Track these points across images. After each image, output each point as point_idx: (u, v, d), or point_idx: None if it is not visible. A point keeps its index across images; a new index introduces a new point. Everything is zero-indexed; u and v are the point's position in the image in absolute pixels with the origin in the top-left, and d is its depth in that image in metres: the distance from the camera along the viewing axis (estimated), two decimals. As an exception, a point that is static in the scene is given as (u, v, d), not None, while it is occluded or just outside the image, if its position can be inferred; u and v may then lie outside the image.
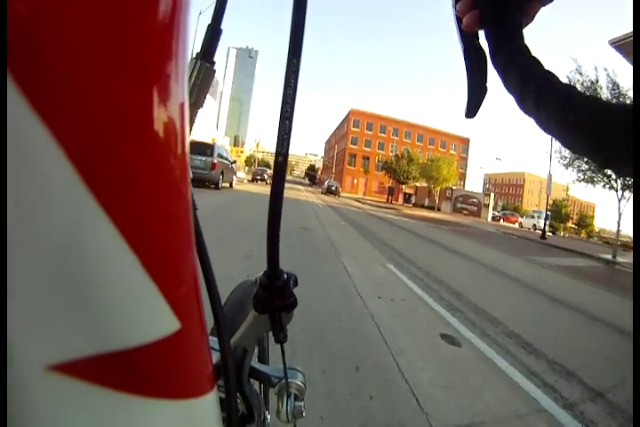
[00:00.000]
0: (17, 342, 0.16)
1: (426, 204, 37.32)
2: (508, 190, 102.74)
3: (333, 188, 31.69)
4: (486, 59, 0.34)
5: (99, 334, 0.18)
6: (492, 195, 36.18)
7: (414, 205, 38.79)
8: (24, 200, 0.15)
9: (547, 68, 0.30)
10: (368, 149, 56.85)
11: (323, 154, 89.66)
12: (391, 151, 55.05)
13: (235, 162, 14.64)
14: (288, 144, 0.29)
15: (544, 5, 0.34)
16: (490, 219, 34.50)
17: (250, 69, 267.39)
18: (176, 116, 0.19)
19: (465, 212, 34.49)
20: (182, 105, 0.19)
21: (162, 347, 0.20)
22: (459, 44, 0.36)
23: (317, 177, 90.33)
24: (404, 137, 57.55)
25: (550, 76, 0.29)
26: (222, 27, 0.35)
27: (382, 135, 57.44)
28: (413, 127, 57.78)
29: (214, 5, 0.35)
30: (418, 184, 37.84)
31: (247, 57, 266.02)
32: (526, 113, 0.30)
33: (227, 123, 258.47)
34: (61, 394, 0.18)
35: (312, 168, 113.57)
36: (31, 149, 0.15)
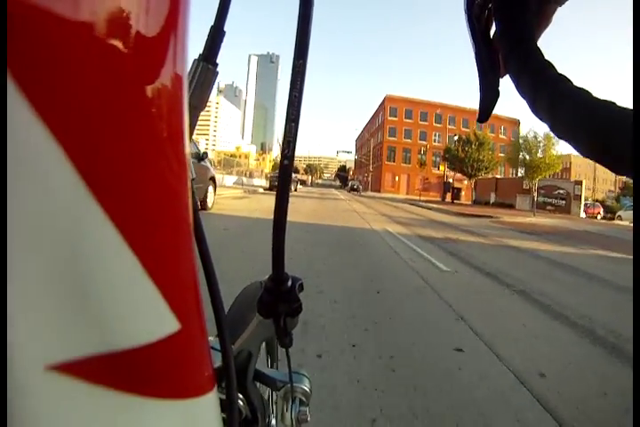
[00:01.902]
0: (17, 341, 0.16)
1: (492, 200, 29.51)
2: (553, 176, 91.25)
3: (355, 186, 41.89)
4: (499, 62, 0.34)
5: (99, 334, 0.18)
6: (584, 182, 27.79)
7: (476, 202, 31.07)
8: (24, 200, 0.15)
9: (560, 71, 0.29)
10: (409, 141, 49.43)
11: (354, 152, 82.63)
12: (435, 141, 47.30)
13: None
14: (294, 147, 0.29)
15: (560, 5, 0.33)
16: (583, 214, 26.29)
17: (272, 75, 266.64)
18: (176, 117, 0.19)
19: (549, 207, 26.48)
20: (182, 106, 0.19)
21: (162, 347, 0.20)
22: (471, 47, 0.36)
23: (349, 178, 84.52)
24: (447, 123, 49.61)
25: (564, 81, 0.29)
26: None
27: (424, 123, 49.86)
28: (458, 111, 49.71)
29: (217, 6, 0.34)
30: (485, 176, 30.02)
31: (269, 63, 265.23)
32: (540, 119, 0.30)
33: (252, 131, 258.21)
34: (61, 394, 0.18)
35: (343, 169, 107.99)
36: (31, 150, 0.15)
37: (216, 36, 0.34)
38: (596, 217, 30.26)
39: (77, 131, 0.15)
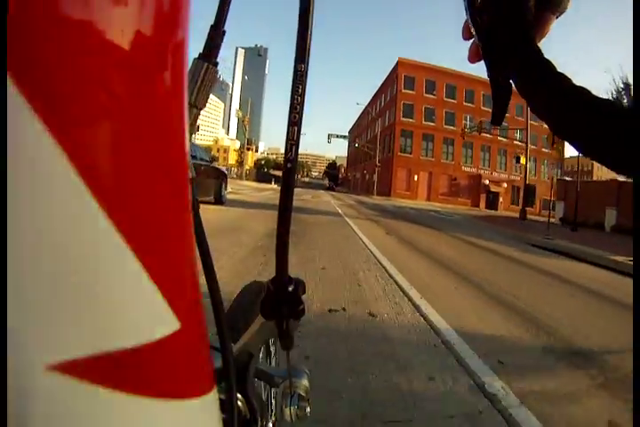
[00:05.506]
0: (17, 341, 0.16)
1: (610, 222, 15.55)
2: (584, 175, 78.61)
3: (330, 186, 56.08)
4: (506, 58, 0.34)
5: (99, 334, 0.18)
6: None
7: (564, 221, 17.14)
8: (24, 200, 0.15)
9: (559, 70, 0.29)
10: (431, 124, 35.54)
11: (348, 146, 68.65)
12: (469, 128, 33.13)
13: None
14: (297, 150, 0.30)
15: (557, 16, 0.33)
16: None
17: (260, 68, 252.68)
18: (175, 116, 0.19)
19: None
20: (182, 105, 0.20)
21: (162, 347, 0.20)
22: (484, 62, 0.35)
23: (342, 176, 70.57)
24: (482, 104, 35.68)
25: (563, 79, 0.29)
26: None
27: (451, 101, 35.97)
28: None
29: (217, 5, 0.34)
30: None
31: (256, 56, 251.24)
32: (540, 118, 0.31)
33: (237, 126, 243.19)
34: (61, 394, 0.18)
35: (332, 166, 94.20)
36: (31, 150, 0.15)
37: (216, 35, 0.34)
38: None
39: (77, 131, 0.15)
